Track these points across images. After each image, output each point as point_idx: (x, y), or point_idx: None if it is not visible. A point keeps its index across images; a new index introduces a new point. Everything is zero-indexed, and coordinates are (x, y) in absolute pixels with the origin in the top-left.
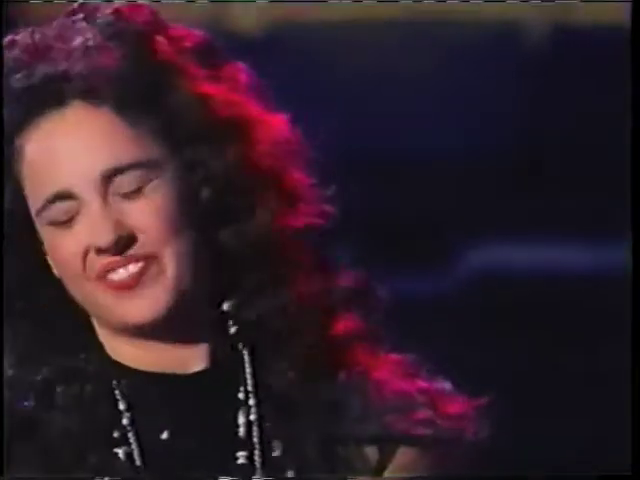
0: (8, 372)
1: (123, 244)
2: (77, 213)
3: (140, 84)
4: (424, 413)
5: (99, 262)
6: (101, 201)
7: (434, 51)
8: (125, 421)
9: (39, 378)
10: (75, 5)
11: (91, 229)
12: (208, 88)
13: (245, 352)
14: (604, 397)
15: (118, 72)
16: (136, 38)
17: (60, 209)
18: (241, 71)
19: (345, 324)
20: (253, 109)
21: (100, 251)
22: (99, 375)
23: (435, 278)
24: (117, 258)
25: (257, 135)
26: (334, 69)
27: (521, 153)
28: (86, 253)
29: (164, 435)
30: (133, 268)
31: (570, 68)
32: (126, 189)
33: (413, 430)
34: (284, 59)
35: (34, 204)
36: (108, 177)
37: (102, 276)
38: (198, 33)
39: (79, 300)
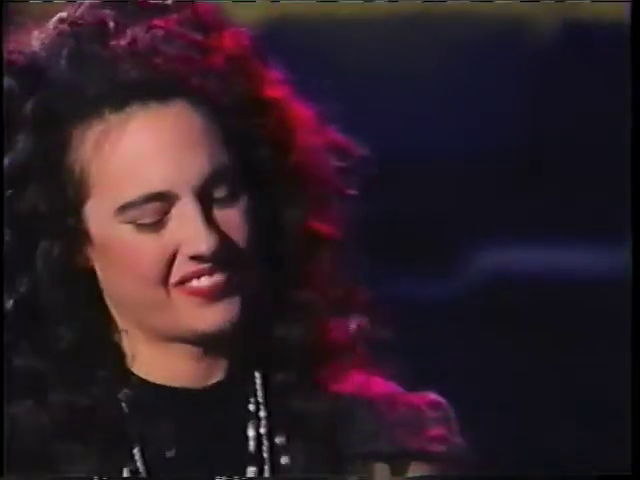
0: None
1: (219, 252)
2: (168, 215)
3: (234, 86)
4: (437, 430)
5: (188, 268)
6: (201, 205)
7: (434, 50)
8: (132, 435)
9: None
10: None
11: (190, 234)
12: (270, 90)
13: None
14: (604, 397)
15: (220, 73)
16: (218, 36)
17: (150, 209)
18: (285, 73)
19: (354, 335)
20: (303, 114)
21: (195, 257)
22: (110, 386)
23: (435, 281)
24: (206, 266)
25: (306, 141)
26: (331, 67)
27: (521, 153)
28: (173, 257)
29: (172, 449)
30: (217, 277)
31: (570, 68)
32: (221, 194)
33: (427, 447)
34: (281, 55)
35: (113, 200)
36: (208, 179)
37: (184, 282)
38: (244, 30)
39: (129, 302)
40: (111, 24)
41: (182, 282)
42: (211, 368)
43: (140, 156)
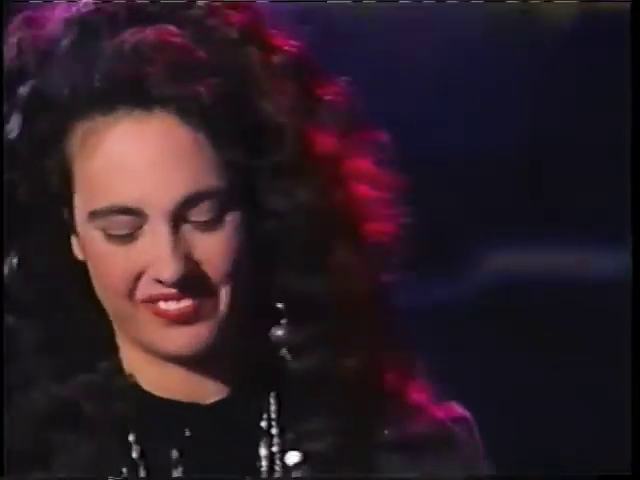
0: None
1: (187, 280)
2: (140, 231)
3: (233, 104)
4: (463, 451)
5: (154, 290)
6: (173, 229)
7: (433, 50)
8: (135, 454)
9: (61, 394)
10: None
11: (156, 258)
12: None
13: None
14: (604, 397)
15: (217, 90)
16: (231, 48)
17: (120, 222)
18: (343, 93)
19: (378, 346)
20: (345, 146)
21: (159, 282)
22: (111, 394)
23: (436, 282)
24: (174, 290)
25: (342, 173)
26: (327, 65)
27: (521, 153)
28: (139, 275)
29: (178, 469)
30: (186, 303)
31: (570, 68)
32: (199, 218)
33: (448, 471)
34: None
35: (87, 204)
36: (185, 203)
37: (151, 301)
38: (296, 43)
39: (110, 312)
40: (116, 21)
41: (149, 301)
42: (209, 383)
43: (118, 166)
